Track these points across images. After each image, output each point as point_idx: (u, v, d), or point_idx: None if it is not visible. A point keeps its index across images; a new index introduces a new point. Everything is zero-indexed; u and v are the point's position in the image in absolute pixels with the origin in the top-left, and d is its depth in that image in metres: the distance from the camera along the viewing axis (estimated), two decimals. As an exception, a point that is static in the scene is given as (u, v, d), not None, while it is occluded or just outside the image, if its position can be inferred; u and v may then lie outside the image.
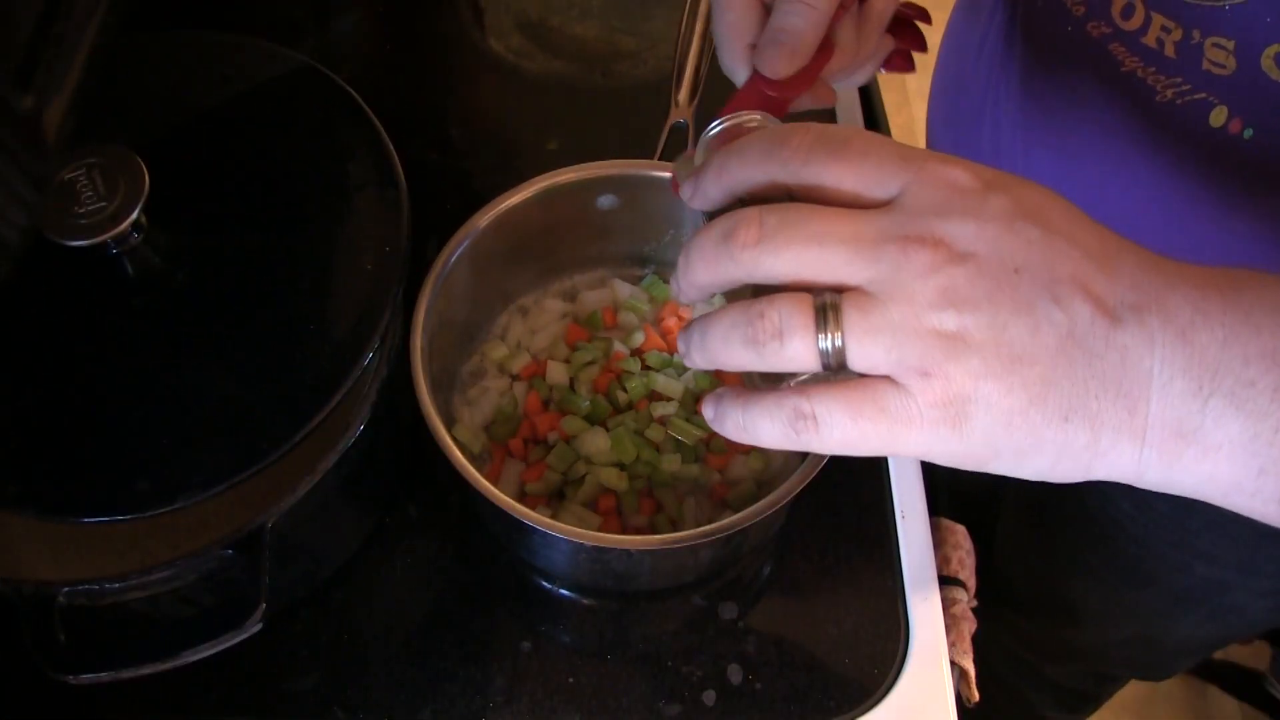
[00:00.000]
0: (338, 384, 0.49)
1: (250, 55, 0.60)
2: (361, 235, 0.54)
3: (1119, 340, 0.31)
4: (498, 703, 0.55)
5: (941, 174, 0.32)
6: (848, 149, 0.33)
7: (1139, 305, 0.31)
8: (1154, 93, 0.49)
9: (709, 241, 0.35)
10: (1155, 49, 0.48)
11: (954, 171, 0.33)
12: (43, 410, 0.48)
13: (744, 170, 0.36)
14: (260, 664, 0.56)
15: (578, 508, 0.58)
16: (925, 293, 0.31)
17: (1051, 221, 0.32)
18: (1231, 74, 0.45)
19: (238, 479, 0.46)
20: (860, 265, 0.32)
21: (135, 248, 0.49)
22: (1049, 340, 0.31)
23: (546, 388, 0.62)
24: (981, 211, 0.32)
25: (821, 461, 0.51)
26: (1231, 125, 0.47)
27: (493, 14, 0.85)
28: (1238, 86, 0.45)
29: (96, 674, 0.47)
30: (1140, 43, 0.49)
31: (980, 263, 0.31)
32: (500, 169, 0.76)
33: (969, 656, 0.59)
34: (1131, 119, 0.51)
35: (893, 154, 0.33)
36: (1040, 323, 0.31)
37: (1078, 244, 0.32)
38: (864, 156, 0.33)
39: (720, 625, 0.58)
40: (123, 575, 0.48)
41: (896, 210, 0.32)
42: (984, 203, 0.32)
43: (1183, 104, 0.48)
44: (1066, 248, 0.32)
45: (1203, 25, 0.45)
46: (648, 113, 0.64)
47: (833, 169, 0.33)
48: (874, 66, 0.52)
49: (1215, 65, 0.46)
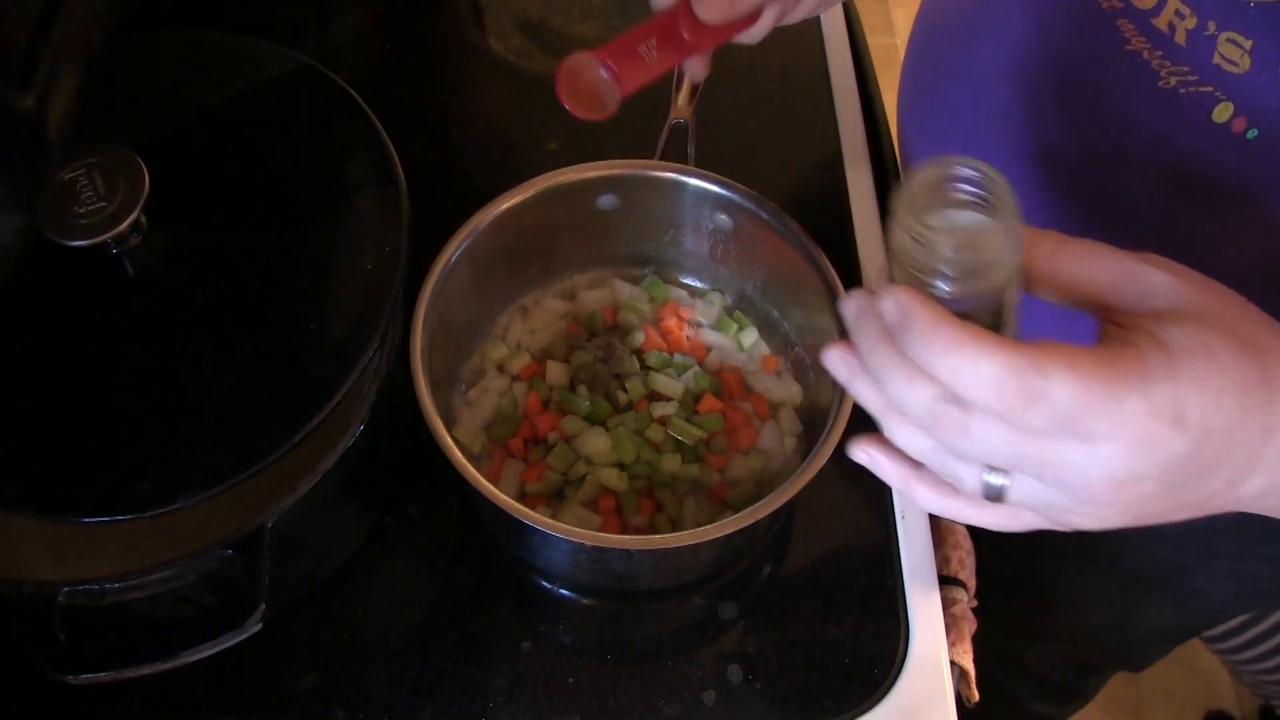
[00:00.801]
0: (338, 384, 0.49)
1: (250, 55, 0.60)
2: (361, 235, 0.54)
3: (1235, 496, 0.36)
4: (498, 702, 0.55)
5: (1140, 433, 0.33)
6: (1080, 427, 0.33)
7: (1265, 491, 0.36)
8: (1156, 78, 0.48)
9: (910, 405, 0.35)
10: (1165, 33, 0.47)
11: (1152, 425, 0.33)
12: (43, 410, 0.48)
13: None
14: (260, 664, 0.56)
15: (578, 508, 0.58)
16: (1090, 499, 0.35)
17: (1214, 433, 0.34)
18: (1244, 72, 0.44)
19: (238, 479, 0.46)
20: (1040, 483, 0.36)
21: (135, 248, 0.49)
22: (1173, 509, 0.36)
23: (546, 388, 0.62)
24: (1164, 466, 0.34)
25: (821, 461, 0.51)
26: (1235, 123, 0.46)
27: (493, 14, 0.85)
28: (1249, 86, 0.45)
29: (96, 674, 0.47)
30: (1151, 23, 0.47)
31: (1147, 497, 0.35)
32: (500, 169, 0.76)
33: (969, 656, 0.59)
34: (1129, 101, 0.50)
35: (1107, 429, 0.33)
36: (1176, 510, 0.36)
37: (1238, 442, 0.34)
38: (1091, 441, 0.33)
39: (720, 625, 0.58)
40: (123, 575, 0.48)
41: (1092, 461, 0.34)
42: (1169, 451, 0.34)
43: (1186, 94, 0.47)
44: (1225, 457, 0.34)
45: (1221, 18, 0.44)
46: (648, 113, 0.64)
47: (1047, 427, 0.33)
48: None
49: (1227, 61, 0.45)
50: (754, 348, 0.65)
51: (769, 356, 0.65)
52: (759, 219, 0.60)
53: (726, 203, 0.61)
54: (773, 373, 0.64)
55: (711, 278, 0.67)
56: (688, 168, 0.61)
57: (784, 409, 0.63)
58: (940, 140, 0.65)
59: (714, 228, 0.63)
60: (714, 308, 0.67)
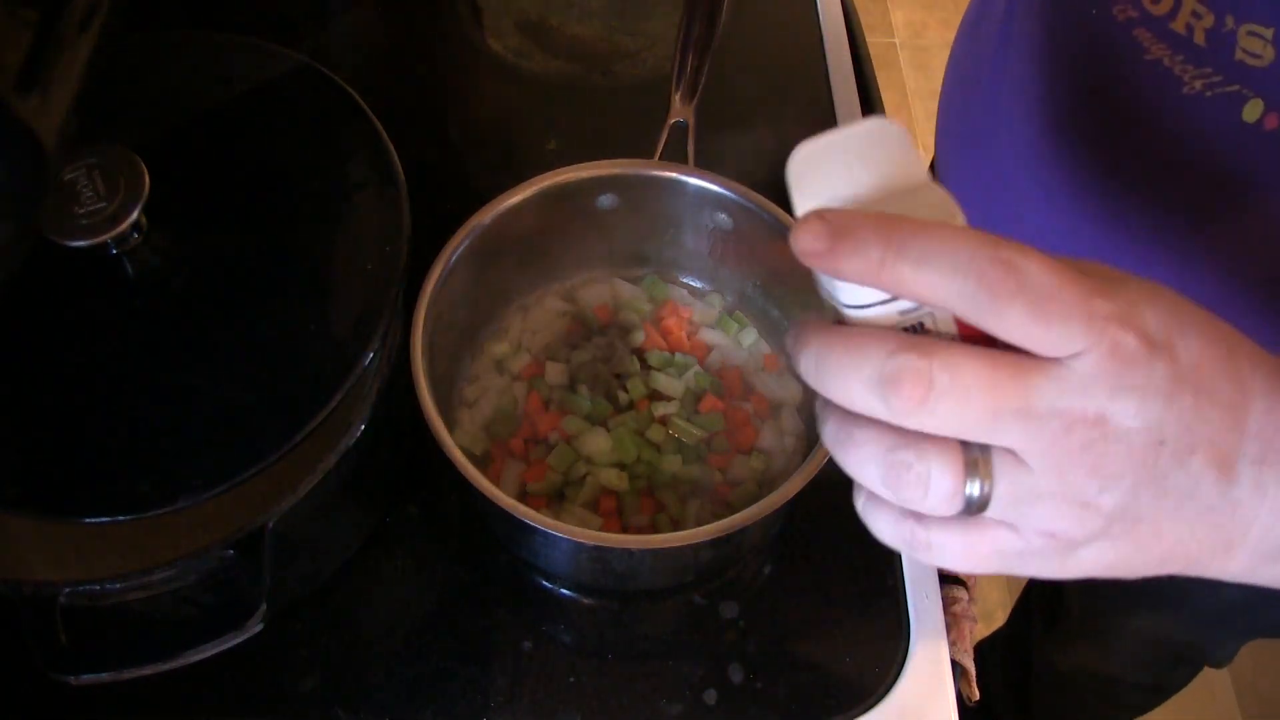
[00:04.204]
0: (338, 384, 0.49)
1: (250, 55, 0.60)
2: (361, 235, 0.54)
3: (1233, 495, 0.32)
4: (499, 702, 0.55)
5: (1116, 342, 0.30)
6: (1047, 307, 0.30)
7: (1259, 458, 0.32)
8: (1180, 84, 0.46)
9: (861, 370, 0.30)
10: (1184, 35, 0.45)
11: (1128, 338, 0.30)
12: (43, 410, 0.48)
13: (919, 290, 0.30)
14: (261, 664, 0.55)
15: (579, 508, 0.58)
16: (1076, 471, 0.31)
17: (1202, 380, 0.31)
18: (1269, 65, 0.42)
19: (238, 479, 0.46)
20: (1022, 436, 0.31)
21: (135, 248, 0.49)
22: (1169, 504, 0.32)
23: (547, 387, 0.62)
24: (1145, 386, 0.31)
25: (822, 462, 0.51)
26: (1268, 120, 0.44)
27: (492, 14, 0.85)
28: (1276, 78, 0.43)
29: (97, 674, 0.47)
30: (1169, 28, 0.46)
31: (1132, 441, 0.31)
32: (500, 169, 0.76)
33: (970, 655, 0.59)
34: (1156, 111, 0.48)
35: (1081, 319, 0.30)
36: (1169, 491, 0.31)
37: (1219, 402, 0.32)
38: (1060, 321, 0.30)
39: (721, 625, 0.58)
40: (123, 575, 0.48)
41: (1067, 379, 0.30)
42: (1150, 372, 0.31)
43: (1212, 96, 0.45)
44: (1209, 409, 0.31)
45: (1237, 11, 0.43)
46: (648, 113, 0.64)
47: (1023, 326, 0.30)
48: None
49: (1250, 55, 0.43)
50: (754, 347, 0.65)
51: (770, 355, 0.65)
52: (759, 219, 0.60)
53: (726, 203, 0.61)
54: (773, 372, 0.65)
55: (711, 278, 0.67)
56: (688, 168, 0.61)
57: (785, 408, 0.63)
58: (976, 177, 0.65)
59: (714, 228, 0.63)
60: (714, 308, 0.67)
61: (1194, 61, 0.46)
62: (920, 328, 0.32)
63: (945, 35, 2.17)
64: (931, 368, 0.29)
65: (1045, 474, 0.31)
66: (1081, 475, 0.31)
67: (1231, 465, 0.32)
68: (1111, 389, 0.30)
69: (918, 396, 0.29)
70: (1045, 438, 0.30)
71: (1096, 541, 0.32)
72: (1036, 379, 0.30)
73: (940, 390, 0.29)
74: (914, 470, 0.30)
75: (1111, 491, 0.31)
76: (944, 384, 0.29)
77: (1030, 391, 0.30)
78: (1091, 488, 0.31)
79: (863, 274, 0.30)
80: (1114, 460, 0.31)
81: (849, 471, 0.33)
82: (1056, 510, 0.31)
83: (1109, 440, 0.31)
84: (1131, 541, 0.32)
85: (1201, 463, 0.31)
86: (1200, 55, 0.45)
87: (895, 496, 0.31)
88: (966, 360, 0.30)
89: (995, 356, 0.30)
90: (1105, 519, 0.31)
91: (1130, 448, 0.31)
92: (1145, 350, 0.31)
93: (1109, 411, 0.30)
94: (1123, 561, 0.32)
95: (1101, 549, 0.32)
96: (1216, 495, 0.32)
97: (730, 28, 0.59)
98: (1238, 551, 0.33)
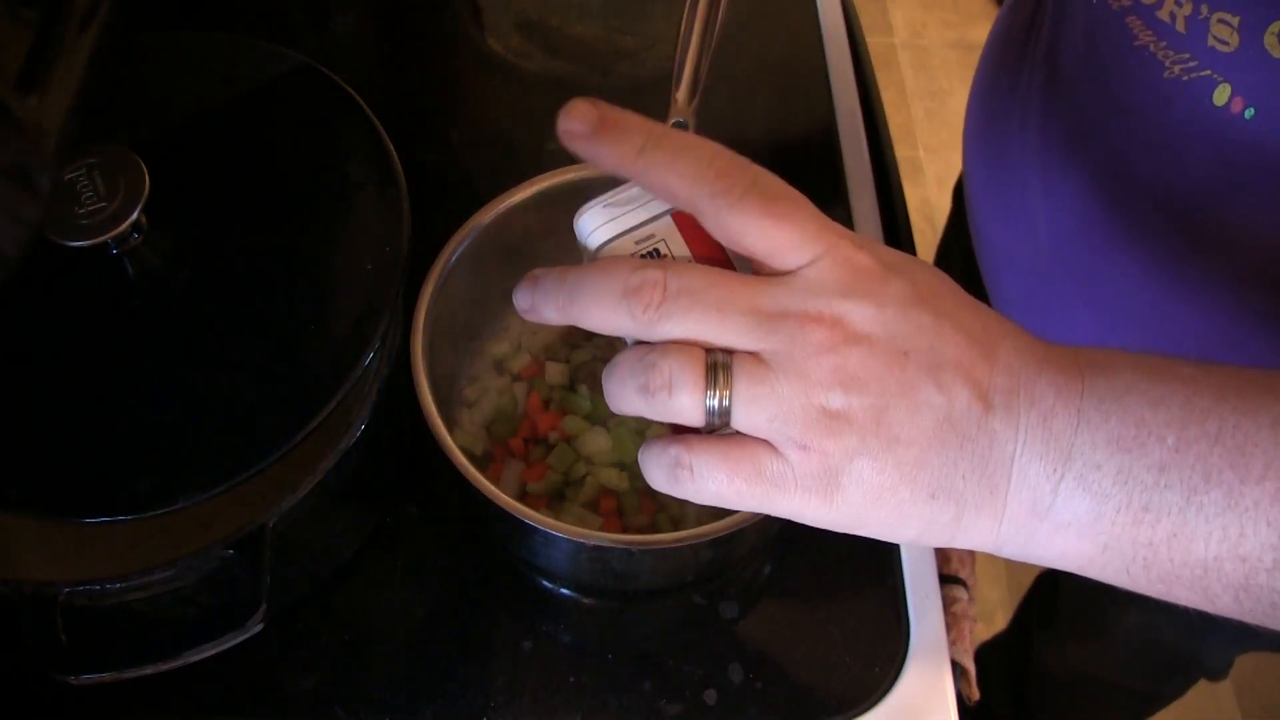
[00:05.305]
0: (338, 384, 0.49)
1: (250, 55, 0.60)
2: (361, 235, 0.54)
3: (989, 425, 0.32)
4: (499, 702, 0.55)
5: (848, 255, 0.33)
6: (777, 205, 0.33)
7: (1010, 390, 0.33)
8: (1163, 69, 0.48)
9: (608, 289, 0.33)
10: (1168, 23, 0.47)
11: (860, 255, 0.33)
12: (43, 410, 0.48)
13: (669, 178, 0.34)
14: (261, 664, 0.56)
15: (579, 509, 0.58)
16: (817, 370, 0.32)
17: (943, 306, 0.33)
18: (1234, 51, 0.44)
19: (238, 479, 0.46)
20: (757, 336, 0.32)
21: (136, 248, 0.49)
22: (926, 423, 0.32)
23: (547, 387, 0.62)
24: (881, 295, 0.33)
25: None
26: (1233, 104, 0.46)
27: (492, 14, 0.85)
28: (1240, 64, 0.45)
29: (98, 674, 0.47)
30: (1155, 16, 0.48)
31: (873, 345, 0.32)
32: (500, 169, 0.76)
33: (970, 655, 0.59)
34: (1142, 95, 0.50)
35: (813, 225, 0.33)
36: (921, 406, 0.32)
37: (963, 329, 0.33)
38: (789, 220, 0.33)
39: (721, 624, 0.58)
40: (123, 575, 0.48)
41: (799, 284, 0.33)
42: (884, 286, 0.33)
43: (1189, 80, 0.47)
44: (953, 333, 0.33)
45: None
46: (648, 113, 0.63)
47: (757, 222, 0.33)
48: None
49: (1219, 41, 0.45)
50: (754, 347, 0.65)
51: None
52: (759, 219, 0.60)
53: (726, 202, 0.61)
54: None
55: (711, 277, 0.67)
56: (688, 167, 0.61)
57: (784, 408, 0.63)
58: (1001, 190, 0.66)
59: (714, 227, 0.63)
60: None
61: (1174, 47, 0.47)
62: (656, 254, 0.36)
63: (945, 35, 2.17)
64: (666, 276, 0.33)
65: (788, 377, 0.32)
66: (823, 376, 0.32)
67: (985, 393, 0.32)
68: (843, 291, 0.32)
69: (656, 300, 0.32)
70: (780, 335, 0.32)
71: (857, 460, 0.32)
72: (765, 284, 0.33)
73: (673, 292, 0.32)
74: (658, 368, 0.32)
75: (858, 395, 0.32)
76: (675, 287, 0.32)
77: (758, 293, 0.33)
78: (836, 393, 0.32)
79: (620, 159, 0.34)
80: (855, 363, 0.32)
81: (616, 403, 0.34)
82: (805, 418, 0.32)
83: (849, 343, 0.32)
84: (893, 462, 0.32)
85: (951, 378, 0.32)
86: (1180, 41, 0.47)
87: (649, 406, 0.33)
88: (698, 269, 0.33)
89: (727, 271, 0.33)
90: (858, 431, 0.32)
91: (872, 350, 0.32)
92: (879, 268, 0.33)
93: (842, 312, 0.32)
94: (890, 491, 0.32)
95: (863, 470, 0.32)
96: (973, 423, 0.32)
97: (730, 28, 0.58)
98: (1007, 500, 0.33)
